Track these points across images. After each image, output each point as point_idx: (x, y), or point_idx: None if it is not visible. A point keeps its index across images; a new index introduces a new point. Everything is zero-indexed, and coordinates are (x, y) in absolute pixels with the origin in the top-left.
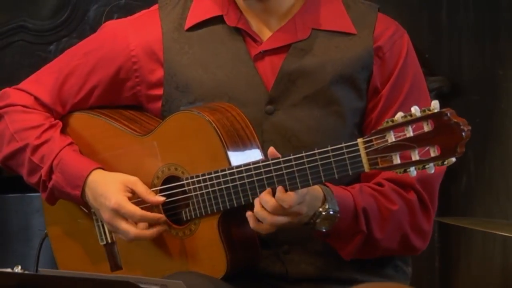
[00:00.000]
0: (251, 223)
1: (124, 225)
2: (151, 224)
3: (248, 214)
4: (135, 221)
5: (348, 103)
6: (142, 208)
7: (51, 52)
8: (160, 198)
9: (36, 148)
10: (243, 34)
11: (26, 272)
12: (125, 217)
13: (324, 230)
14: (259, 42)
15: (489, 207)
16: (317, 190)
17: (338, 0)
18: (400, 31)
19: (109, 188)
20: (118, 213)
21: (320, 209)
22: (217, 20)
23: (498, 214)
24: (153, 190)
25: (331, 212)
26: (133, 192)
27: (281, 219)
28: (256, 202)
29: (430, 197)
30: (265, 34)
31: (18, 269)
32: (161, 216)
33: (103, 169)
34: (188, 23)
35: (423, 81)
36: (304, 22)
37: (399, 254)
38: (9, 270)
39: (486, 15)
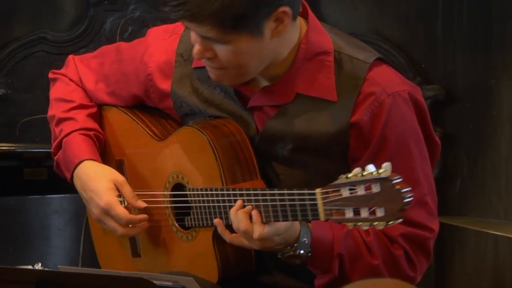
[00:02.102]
0: (219, 228)
1: (112, 224)
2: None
3: (217, 221)
4: (122, 224)
5: (325, 170)
6: (148, 206)
7: None
8: (143, 204)
9: (60, 121)
10: None
11: (46, 269)
12: (113, 218)
13: (294, 263)
14: (249, 96)
15: (482, 208)
16: (296, 226)
17: (330, 60)
18: (382, 96)
19: (100, 185)
20: (107, 213)
21: (289, 247)
22: None
23: (490, 214)
24: (164, 193)
25: (301, 252)
26: (119, 192)
27: (245, 242)
28: (232, 214)
29: (423, 254)
30: (258, 86)
31: (38, 266)
32: (145, 217)
33: (95, 160)
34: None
35: (410, 144)
36: (289, 86)
37: None
38: (30, 267)
39: (479, 26)
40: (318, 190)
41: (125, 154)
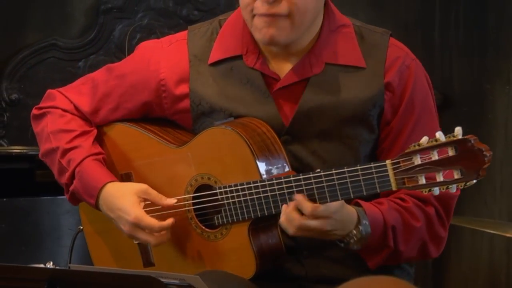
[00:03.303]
0: (300, 201)
1: (144, 236)
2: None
3: (298, 196)
4: (154, 232)
5: (360, 137)
6: (167, 215)
7: (80, 68)
8: (172, 200)
9: (65, 152)
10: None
11: (57, 267)
12: (144, 229)
13: (356, 248)
14: (276, 79)
15: (477, 208)
16: (351, 211)
17: (351, 31)
18: (407, 60)
19: (126, 202)
20: (138, 226)
21: (354, 232)
22: (238, 57)
23: (485, 214)
24: (185, 197)
25: (363, 234)
26: (146, 199)
27: (306, 226)
28: (290, 204)
29: (446, 212)
30: (283, 71)
31: (50, 265)
32: (173, 220)
33: (115, 180)
34: (211, 59)
35: (432, 105)
36: (318, 57)
37: (416, 260)
38: (41, 265)
39: (474, 34)
40: (388, 161)
41: (132, 167)
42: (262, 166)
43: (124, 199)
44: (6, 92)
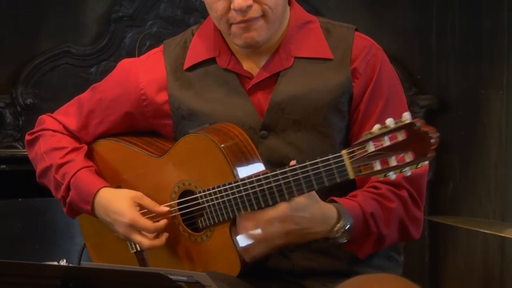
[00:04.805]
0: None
1: (139, 238)
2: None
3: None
4: (149, 233)
5: (333, 124)
6: (156, 220)
7: (92, 74)
8: (165, 208)
9: (59, 167)
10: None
11: (70, 265)
12: (139, 231)
13: (343, 241)
14: (249, 78)
15: (473, 208)
16: (327, 207)
17: (317, 26)
18: (373, 49)
19: (121, 205)
20: (133, 227)
21: (338, 225)
22: (212, 60)
23: (480, 214)
24: (171, 204)
25: (347, 226)
26: (140, 205)
27: (271, 227)
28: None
29: (418, 192)
30: (255, 69)
31: (63, 262)
32: (166, 221)
33: (109, 187)
34: (186, 64)
35: (400, 93)
36: (287, 52)
37: (399, 242)
38: (55, 263)
39: (470, 41)
40: (344, 152)
41: (122, 180)
42: (236, 168)
43: (120, 202)
44: (22, 97)
